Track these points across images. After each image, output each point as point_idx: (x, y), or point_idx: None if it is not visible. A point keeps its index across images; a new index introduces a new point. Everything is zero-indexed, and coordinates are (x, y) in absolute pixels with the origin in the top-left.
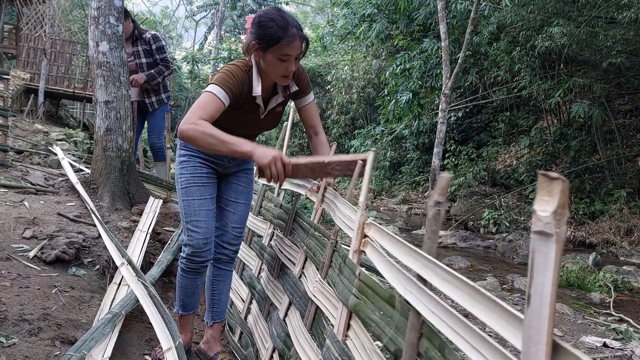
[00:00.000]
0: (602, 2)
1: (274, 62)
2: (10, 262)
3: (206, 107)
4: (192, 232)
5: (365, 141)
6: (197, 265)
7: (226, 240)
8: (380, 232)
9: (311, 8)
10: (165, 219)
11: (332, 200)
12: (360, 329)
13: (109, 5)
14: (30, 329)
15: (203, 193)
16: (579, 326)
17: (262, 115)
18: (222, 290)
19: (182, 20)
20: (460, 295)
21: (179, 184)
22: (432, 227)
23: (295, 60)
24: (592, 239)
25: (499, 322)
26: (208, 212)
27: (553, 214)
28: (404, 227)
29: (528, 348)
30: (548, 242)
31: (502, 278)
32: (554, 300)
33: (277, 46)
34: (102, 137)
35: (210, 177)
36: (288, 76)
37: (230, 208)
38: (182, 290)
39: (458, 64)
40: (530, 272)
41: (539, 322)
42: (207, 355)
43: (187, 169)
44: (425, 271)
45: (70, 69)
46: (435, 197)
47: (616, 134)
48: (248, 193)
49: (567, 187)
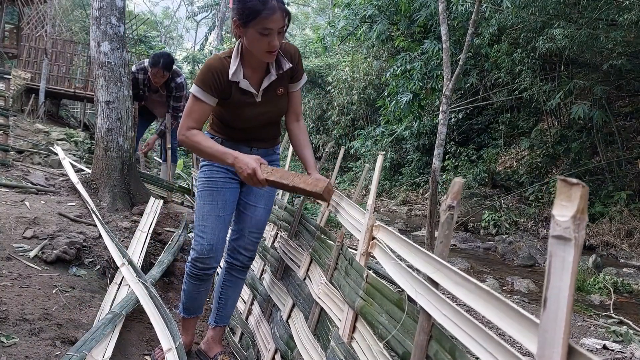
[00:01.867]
0: (603, 4)
1: (255, 38)
2: (11, 261)
3: (192, 114)
4: (198, 237)
5: (366, 142)
6: (200, 271)
7: (242, 245)
8: (389, 235)
9: (312, 9)
10: (165, 219)
11: (338, 203)
12: (367, 331)
13: (110, 5)
14: (31, 329)
15: (215, 198)
16: (579, 328)
17: (259, 98)
18: (230, 297)
19: (183, 20)
20: (474, 299)
21: (196, 188)
22: (445, 231)
23: (279, 35)
24: (592, 241)
25: (513, 326)
26: (217, 218)
27: (572, 218)
28: (404, 229)
29: (543, 351)
30: (566, 246)
31: (502, 280)
32: (570, 304)
33: (257, 20)
34: (103, 137)
35: (227, 182)
36: (272, 52)
37: (249, 212)
38: (185, 294)
39: (459, 66)
40: (548, 276)
41: (555, 326)
42: (207, 356)
43: (205, 172)
44: (437, 275)
45: (71, 69)
46: (448, 202)
47: (616, 136)
48: (269, 198)
49: (587, 192)
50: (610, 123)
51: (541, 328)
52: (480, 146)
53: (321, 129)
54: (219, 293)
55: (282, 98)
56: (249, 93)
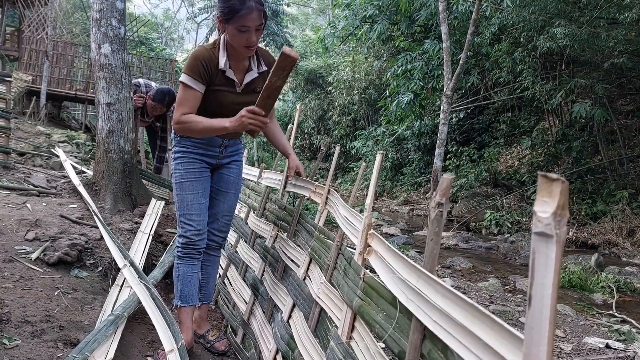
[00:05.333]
0: (604, 2)
1: (235, 34)
2: (13, 263)
3: (184, 101)
4: (186, 224)
5: (367, 142)
6: (192, 250)
7: (216, 228)
8: (381, 244)
9: (312, 9)
10: (167, 220)
11: (335, 204)
12: (365, 331)
13: (110, 7)
14: (33, 331)
15: (196, 187)
16: (581, 327)
17: (239, 89)
18: (211, 275)
19: (184, 22)
20: (459, 312)
21: (174, 179)
22: (435, 229)
23: (256, 32)
24: (594, 240)
25: (498, 340)
26: (201, 206)
27: (553, 215)
28: (405, 229)
29: (530, 349)
30: (548, 243)
31: (504, 279)
32: (554, 301)
33: (236, 18)
34: (104, 139)
35: (203, 172)
36: (250, 47)
37: (221, 198)
38: (179, 278)
39: (459, 65)
40: (531, 274)
41: (540, 323)
42: (198, 333)
43: (182, 164)
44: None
45: (72, 71)
46: (437, 199)
47: (618, 135)
48: (238, 184)
49: (567, 188)
50: (612, 121)
51: (527, 325)
52: (481, 145)
53: (322, 130)
54: (199, 273)
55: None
56: (232, 82)
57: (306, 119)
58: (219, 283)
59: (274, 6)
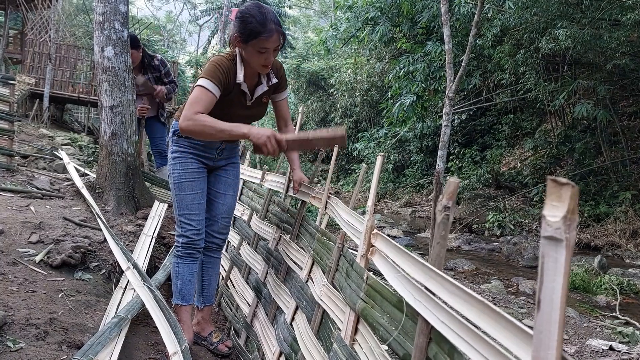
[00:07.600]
0: (606, 4)
1: (253, 54)
2: (17, 266)
3: (200, 101)
4: (185, 224)
5: (369, 144)
6: (192, 250)
7: (216, 230)
8: (386, 242)
9: (314, 11)
10: (170, 223)
11: (335, 207)
12: (368, 333)
13: (114, 10)
14: (37, 334)
15: (194, 188)
16: (584, 329)
17: (249, 102)
18: (212, 276)
19: (186, 24)
20: (468, 308)
21: (171, 179)
22: (441, 232)
23: (274, 51)
24: (598, 242)
25: (507, 336)
26: (199, 206)
27: (563, 219)
28: (407, 230)
29: (538, 352)
30: (558, 247)
31: (507, 281)
32: (564, 305)
33: (257, 40)
34: (108, 141)
35: (200, 172)
36: (267, 66)
37: (220, 200)
38: (179, 278)
39: (462, 67)
40: (540, 277)
41: (549, 327)
42: (201, 335)
43: (179, 165)
44: (432, 284)
45: (75, 74)
46: (443, 202)
47: (621, 136)
48: (235, 185)
49: (576, 192)
50: (614, 123)
51: (536, 329)
52: (483, 147)
53: None
54: (201, 276)
55: (264, 105)
56: (245, 94)
57: (308, 120)
58: (222, 285)
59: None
